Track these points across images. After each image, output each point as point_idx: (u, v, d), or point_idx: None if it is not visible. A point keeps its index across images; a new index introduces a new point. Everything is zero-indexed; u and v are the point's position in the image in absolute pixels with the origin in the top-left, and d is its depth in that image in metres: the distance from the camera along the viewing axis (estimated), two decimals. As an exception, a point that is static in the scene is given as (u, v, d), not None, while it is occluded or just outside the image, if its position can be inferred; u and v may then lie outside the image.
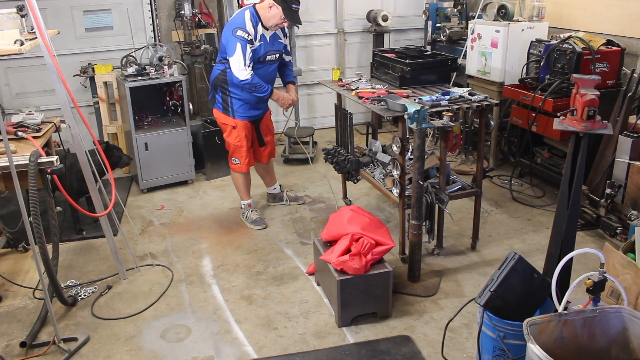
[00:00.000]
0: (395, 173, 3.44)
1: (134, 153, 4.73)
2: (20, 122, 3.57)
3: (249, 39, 3.66)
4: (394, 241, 3.15)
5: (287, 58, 4.12)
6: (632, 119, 3.87)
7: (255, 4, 3.80)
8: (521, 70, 4.58)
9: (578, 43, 4.13)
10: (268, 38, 3.82)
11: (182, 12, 5.23)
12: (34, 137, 3.31)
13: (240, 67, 3.69)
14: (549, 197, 4.51)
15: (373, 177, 3.84)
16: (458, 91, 3.53)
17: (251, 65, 3.73)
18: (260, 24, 3.74)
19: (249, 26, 3.68)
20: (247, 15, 3.71)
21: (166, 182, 4.95)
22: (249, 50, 3.68)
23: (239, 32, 3.65)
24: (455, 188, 3.58)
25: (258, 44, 3.76)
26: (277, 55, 3.95)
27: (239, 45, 3.65)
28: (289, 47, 4.15)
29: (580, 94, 2.53)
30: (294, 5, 3.70)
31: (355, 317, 3.02)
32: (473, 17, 5.19)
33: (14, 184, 2.65)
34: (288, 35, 4.09)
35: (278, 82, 4.18)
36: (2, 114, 3.79)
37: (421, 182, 3.14)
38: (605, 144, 4.04)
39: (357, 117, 5.44)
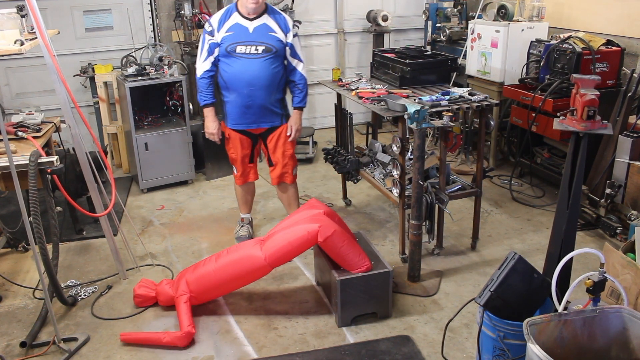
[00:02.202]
0: (395, 173, 3.45)
1: (134, 153, 4.74)
2: (20, 122, 3.57)
3: (208, 30, 3.47)
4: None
5: (293, 63, 3.59)
6: (632, 119, 3.87)
7: None
8: (521, 70, 4.58)
9: (578, 43, 4.13)
10: (251, 28, 3.42)
11: (182, 12, 5.23)
12: (34, 137, 3.31)
13: (198, 61, 3.56)
14: (549, 197, 4.51)
15: (373, 177, 3.84)
16: (458, 91, 3.53)
17: (208, 60, 3.50)
18: (237, 13, 3.45)
19: (215, 18, 3.47)
20: (224, 8, 3.52)
21: (166, 182, 4.94)
22: (206, 42, 3.50)
23: (205, 25, 3.53)
24: (455, 188, 3.58)
25: (224, 34, 3.43)
26: (261, 49, 3.41)
27: (201, 38, 3.55)
28: (297, 49, 3.58)
29: (580, 94, 2.53)
30: None
31: (355, 317, 3.02)
32: (473, 17, 5.20)
33: (14, 184, 2.65)
34: (293, 32, 3.54)
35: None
36: (2, 114, 3.79)
37: (421, 182, 3.14)
38: (605, 144, 4.04)
39: (357, 117, 5.44)
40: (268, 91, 3.51)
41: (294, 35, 3.55)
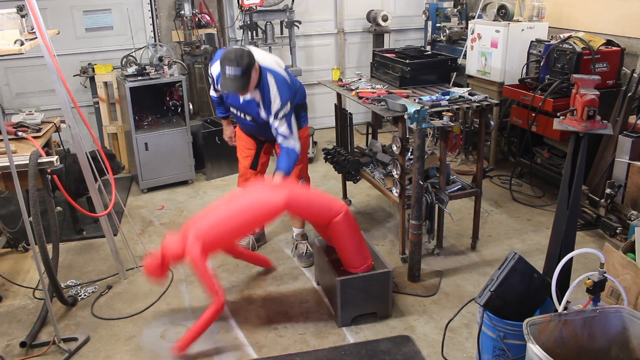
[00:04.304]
0: (395, 173, 3.45)
1: (134, 153, 4.74)
2: (20, 122, 3.57)
3: (210, 73, 3.42)
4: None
5: (280, 141, 3.20)
6: (632, 119, 3.87)
7: None
8: (521, 70, 4.58)
9: (578, 43, 4.13)
10: (241, 98, 3.26)
11: (182, 12, 5.23)
12: (34, 137, 3.31)
13: None
14: (549, 197, 4.51)
15: (373, 177, 3.84)
16: (458, 91, 3.53)
17: (214, 91, 3.50)
18: None
19: (214, 70, 3.30)
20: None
21: (166, 182, 4.94)
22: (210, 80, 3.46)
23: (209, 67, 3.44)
24: (455, 188, 3.58)
25: (220, 91, 3.38)
26: (249, 118, 3.35)
27: None
28: (282, 131, 3.17)
29: (580, 94, 2.53)
30: (227, 70, 2.96)
31: (355, 317, 3.02)
32: (473, 17, 5.19)
33: (14, 184, 2.65)
34: (283, 115, 3.15)
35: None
36: (2, 114, 3.79)
37: (421, 182, 3.14)
38: (605, 144, 4.04)
39: (357, 117, 5.43)
40: (267, 133, 3.32)
41: (278, 118, 3.15)
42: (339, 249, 3.02)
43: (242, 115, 3.40)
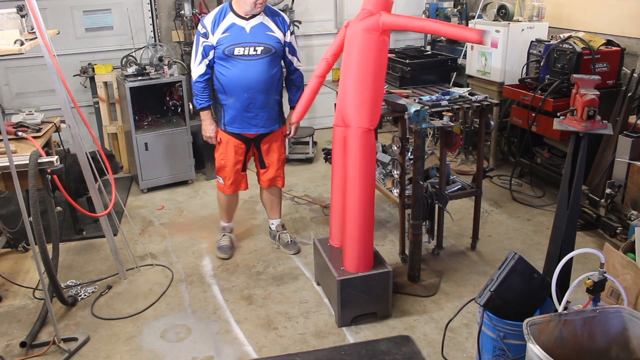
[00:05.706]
0: (395, 173, 3.45)
1: (134, 153, 4.74)
2: (20, 122, 3.57)
3: (202, 32, 3.31)
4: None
5: (293, 61, 3.51)
6: (632, 119, 3.87)
7: None
8: (521, 70, 4.58)
9: (578, 43, 4.13)
10: (248, 29, 3.29)
11: (182, 12, 5.23)
12: (34, 137, 3.31)
13: (192, 64, 3.42)
14: (549, 197, 4.51)
15: (373, 177, 3.84)
16: (458, 91, 3.53)
17: (203, 63, 3.36)
18: (232, 13, 3.29)
19: (208, 19, 3.31)
20: (217, 8, 3.36)
21: (166, 182, 4.94)
22: (200, 45, 3.33)
23: (198, 26, 3.40)
24: (455, 188, 3.58)
25: (220, 36, 3.27)
26: (259, 50, 3.29)
27: (195, 40, 3.42)
28: (296, 47, 3.49)
29: (580, 94, 2.53)
30: None
31: (355, 317, 3.02)
32: (473, 17, 5.20)
33: (14, 184, 2.65)
34: (293, 31, 3.46)
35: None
36: (2, 114, 3.79)
37: (421, 182, 3.14)
38: (605, 144, 4.04)
39: (357, 117, 5.44)
40: (267, 94, 3.41)
41: (292, 34, 3.45)
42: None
43: (245, 52, 3.29)
